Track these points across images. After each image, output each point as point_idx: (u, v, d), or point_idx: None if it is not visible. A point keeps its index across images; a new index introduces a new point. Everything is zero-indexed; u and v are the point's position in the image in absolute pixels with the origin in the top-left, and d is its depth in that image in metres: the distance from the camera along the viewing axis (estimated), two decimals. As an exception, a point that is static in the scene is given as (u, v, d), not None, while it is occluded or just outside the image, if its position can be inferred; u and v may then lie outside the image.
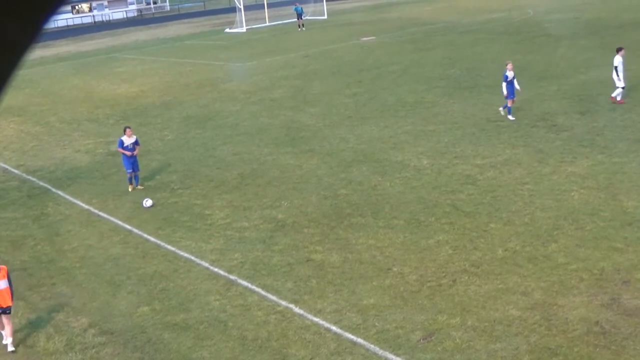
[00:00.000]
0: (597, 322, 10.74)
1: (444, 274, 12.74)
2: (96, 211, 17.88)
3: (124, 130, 19.51)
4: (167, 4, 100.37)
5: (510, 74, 22.53)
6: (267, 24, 62.07)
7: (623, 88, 22.77)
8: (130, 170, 19.24)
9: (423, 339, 10.74)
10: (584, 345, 10.17)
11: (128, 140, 19.16)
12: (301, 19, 56.79)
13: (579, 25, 43.30)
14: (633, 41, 35.54)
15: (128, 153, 19.06)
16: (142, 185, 19.57)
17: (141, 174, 19.92)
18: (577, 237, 13.70)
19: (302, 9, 57.59)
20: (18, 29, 0.93)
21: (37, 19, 0.96)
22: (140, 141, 20.13)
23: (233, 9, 64.60)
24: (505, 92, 22.56)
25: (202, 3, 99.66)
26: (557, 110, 23.34)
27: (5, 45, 0.94)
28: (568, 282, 12.00)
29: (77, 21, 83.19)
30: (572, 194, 15.98)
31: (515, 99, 22.72)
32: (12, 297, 11.72)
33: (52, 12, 0.97)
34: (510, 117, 22.72)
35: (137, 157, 19.41)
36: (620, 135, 19.91)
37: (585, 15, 47.75)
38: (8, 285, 11.63)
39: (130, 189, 19.36)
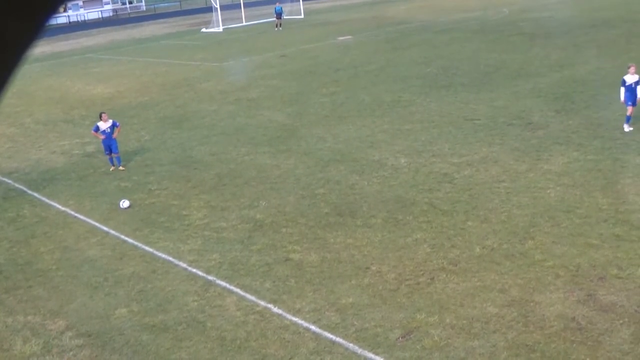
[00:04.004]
0: (573, 318, 10.84)
1: (422, 272, 12.79)
2: (73, 213, 17.73)
3: (100, 116, 20.85)
4: (143, 3, 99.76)
5: (629, 78, 19.61)
6: (244, 23, 61.98)
7: None
8: (108, 152, 20.74)
9: (402, 338, 10.77)
10: (561, 341, 10.26)
11: (104, 125, 20.49)
12: (280, 18, 56.82)
13: (553, 24, 43.68)
14: (605, 40, 35.95)
15: (101, 137, 20.56)
16: (123, 166, 20.87)
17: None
18: (554, 234, 13.81)
19: (282, 8, 57.71)
20: (18, 27, 0.93)
21: (38, 17, 0.96)
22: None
23: (209, 9, 64.42)
24: (622, 97, 19.82)
25: (179, 3, 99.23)
26: (533, 108, 23.53)
27: (6, 43, 0.94)
28: (545, 279, 12.10)
29: (52, 21, 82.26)
30: (548, 191, 16.12)
31: (634, 105, 19.64)
32: None
33: (53, 10, 0.97)
34: (626, 127, 19.81)
35: (116, 140, 20.76)
36: (594, 133, 20.11)
37: (559, 15, 48.18)
38: None
39: (111, 169, 20.78)
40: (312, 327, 11.30)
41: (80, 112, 30.17)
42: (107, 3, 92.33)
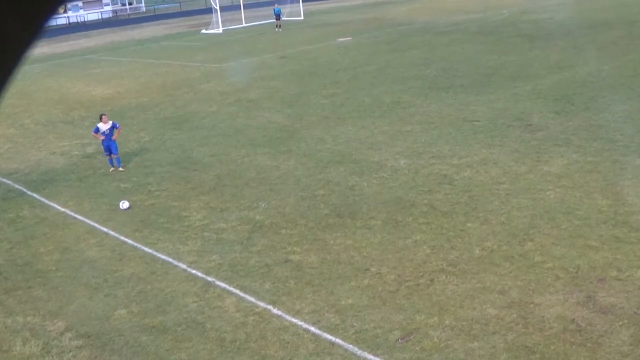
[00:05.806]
0: (573, 320, 10.83)
1: (421, 274, 12.79)
2: (72, 213, 17.73)
3: (100, 117, 21.02)
4: (143, 5, 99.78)
5: None
6: (244, 24, 61.97)
7: None
8: (108, 153, 20.87)
9: (401, 339, 10.77)
10: (561, 343, 10.25)
11: (104, 126, 20.61)
12: (279, 19, 56.89)
13: (552, 26, 43.70)
14: (605, 42, 35.96)
15: (101, 138, 20.71)
16: (123, 167, 20.94)
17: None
18: (553, 236, 13.81)
19: (280, 10, 57.80)
20: (19, 27, 0.93)
21: (38, 17, 0.95)
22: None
23: (209, 10, 64.41)
24: None
25: (178, 4, 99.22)
26: (532, 110, 23.53)
27: (6, 44, 0.94)
28: (544, 281, 12.10)
29: (52, 22, 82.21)
30: (548, 192, 16.11)
31: None
32: None
33: (53, 10, 0.97)
34: None
35: (116, 141, 20.87)
36: (594, 135, 20.11)
37: (558, 16, 48.21)
38: None
39: (111, 170, 20.84)
40: (312, 329, 11.29)
41: (80, 113, 30.16)
42: (107, 4, 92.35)
